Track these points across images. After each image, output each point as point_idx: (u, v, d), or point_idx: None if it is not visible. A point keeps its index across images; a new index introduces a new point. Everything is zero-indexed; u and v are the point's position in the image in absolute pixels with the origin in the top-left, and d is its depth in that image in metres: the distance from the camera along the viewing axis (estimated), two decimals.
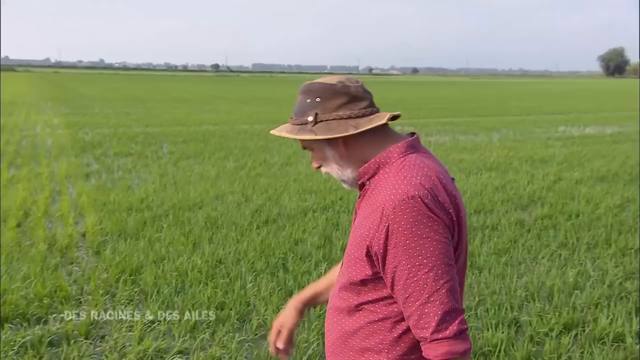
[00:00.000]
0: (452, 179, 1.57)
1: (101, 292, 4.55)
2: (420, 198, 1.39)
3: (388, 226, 1.39)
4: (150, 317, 4.14)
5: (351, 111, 1.52)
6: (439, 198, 1.42)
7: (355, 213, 1.60)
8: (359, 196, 1.58)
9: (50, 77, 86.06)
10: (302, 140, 1.57)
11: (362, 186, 1.56)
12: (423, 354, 1.41)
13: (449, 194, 1.46)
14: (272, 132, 1.62)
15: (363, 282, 1.50)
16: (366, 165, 1.53)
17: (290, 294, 4.58)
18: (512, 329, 4.16)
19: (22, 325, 4.04)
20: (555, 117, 24.43)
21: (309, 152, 1.64)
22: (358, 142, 1.53)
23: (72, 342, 3.80)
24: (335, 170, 1.60)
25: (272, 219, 6.80)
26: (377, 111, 1.57)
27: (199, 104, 29.57)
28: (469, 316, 4.27)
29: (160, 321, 4.11)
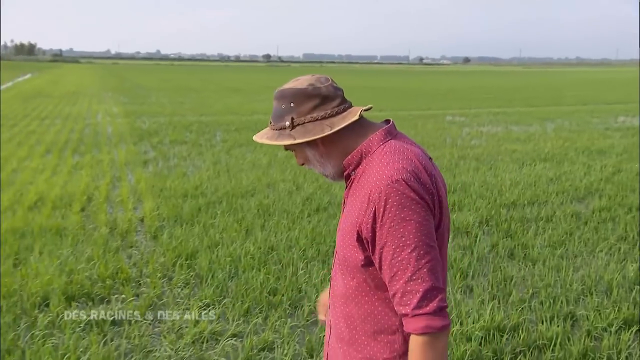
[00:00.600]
0: (430, 158, 1.61)
1: (159, 275, 4.67)
2: (404, 181, 1.45)
3: (375, 210, 1.45)
4: (206, 301, 4.23)
5: (324, 112, 1.56)
6: (421, 179, 1.48)
7: (344, 203, 1.65)
8: (346, 186, 1.64)
9: (109, 68, 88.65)
10: (281, 145, 1.62)
11: (347, 177, 1.63)
12: (404, 327, 1.47)
13: (429, 174, 1.51)
14: (254, 138, 1.69)
15: (361, 267, 1.55)
16: (349, 157, 1.59)
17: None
18: (568, 322, 4.04)
19: (87, 304, 4.18)
20: (613, 107, 23.48)
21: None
22: (336, 139, 1.58)
23: (132, 322, 3.92)
24: (318, 168, 1.67)
25: (322, 207, 6.81)
26: (350, 106, 1.61)
27: (251, 94, 29.85)
28: (522, 308, 4.20)
29: (215, 304, 4.19)
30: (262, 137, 1.64)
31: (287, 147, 1.65)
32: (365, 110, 1.59)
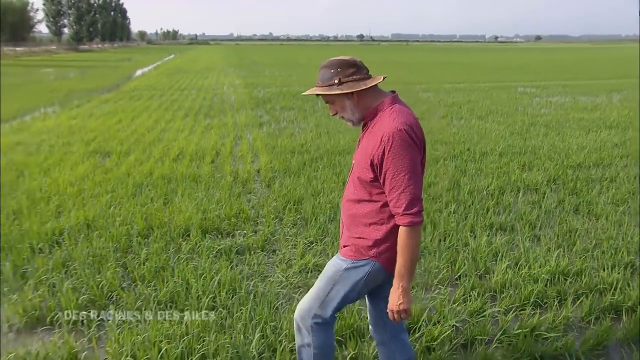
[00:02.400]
0: (417, 118, 2.01)
1: (272, 216, 4.77)
2: (405, 131, 1.90)
3: (384, 147, 1.90)
4: (310, 239, 4.28)
5: (360, 75, 1.99)
6: (414, 131, 1.93)
7: (360, 141, 2.09)
8: (362, 130, 2.08)
9: (232, 48, 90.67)
10: (329, 95, 2.00)
11: (365, 124, 2.06)
12: (396, 222, 1.95)
13: (419, 129, 1.97)
14: (305, 93, 2.11)
15: (369, 182, 1.99)
16: (370, 110, 2.03)
17: (423, 228, 4.48)
18: (628, 271, 3.77)
19: (217, 237, 4.37)
20: None
21: (331, 105, 2.05)
22: (363, 96, 2.01)
23: (252, 252, 4.05)
24: (348, 114, 2.05)
25: None
26: (372, 76, 2.03)
27: None
28: (585, 257, 3.96)
29: (317, 242, 4.23)
30: (315, 90, 2.02)
31: (328, 100, 2.04)
32: (384, 78, 2.03)
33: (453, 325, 3.04)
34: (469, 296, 3.39)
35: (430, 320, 3.09)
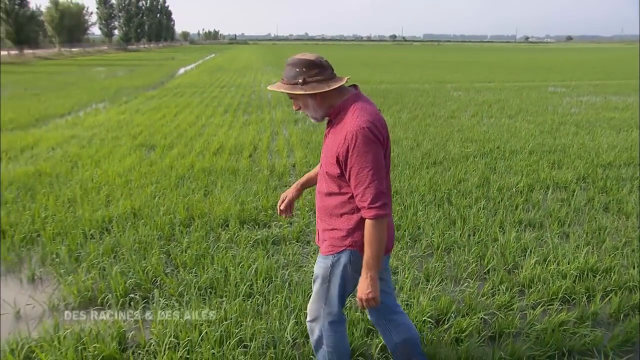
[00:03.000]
0: (379, 113, 2.00)
1: (306, 209, 4.78)
2: (368, 129, 1.88)
3: (348, 145, 1.90)
4: None
5: (324, 76, 1.97)
6: (377, 128, 1.92)
7: (326, 136, 2.09)
8: (327, 127, 2.08)
9: (270, 47, 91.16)
10: (293, 94, 1.99)
11: (329, 121, 2.06)
12: (362, 215, 1.96)
13: (381, 124, 1.96)
14: (269, 87, 2.11)
15: (337, 177, 2.01)
16: (334, 108, 2.01)
17: (453, 223, 4.41)
18: None
19: (254, 227, 4.41)
20: None
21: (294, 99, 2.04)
22: (327, 95, 1.99)
23: (287, 243, 4.08)
24: (311, 112, 2.05)
25: (438, 161, 6.55)
26: (336, 76, 2.02)
27: (379, 67, 29.20)
28: (614, 254, 3.83)
29: None
30: (279, 87, 2.02)
31: (292, 97, 2.03)
32: (345, 82, 2.01)
33: (481, 317, 2.99)
34: (498, 290, 3.32)
35: (459, 312, 3.05)
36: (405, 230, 4.22)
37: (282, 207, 2.47)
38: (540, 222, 4.53)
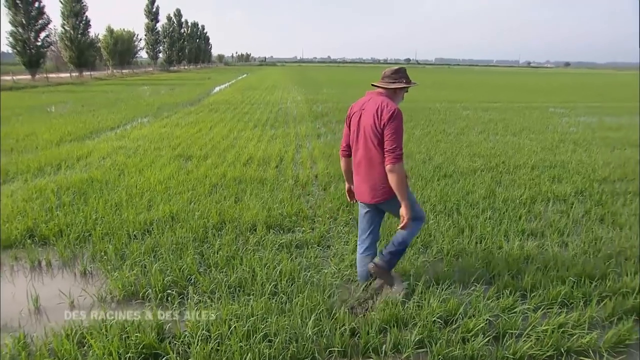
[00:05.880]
0: (370, 100, 3.05)
1: (327, 216, 4.77)
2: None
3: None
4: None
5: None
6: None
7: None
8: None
9: (296, 69, 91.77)
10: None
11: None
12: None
13: (351, 108, 3.11)
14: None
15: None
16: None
17: (462, 231, 4.35)
18: None
19: (279, 232, 4.42)
20: None
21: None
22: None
23: (309, 247, 4.07)
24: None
25: (448, 174, 6.48)
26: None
27: None
28: (609, 263, 3.72)
29: None
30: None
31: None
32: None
33: (487, 319, 2.94)
34: (502, 294, 3.26)
35: (466, 314, 3.00)
36: (417, 237, 4.17)
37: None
38: (542, 231, 4.43)
